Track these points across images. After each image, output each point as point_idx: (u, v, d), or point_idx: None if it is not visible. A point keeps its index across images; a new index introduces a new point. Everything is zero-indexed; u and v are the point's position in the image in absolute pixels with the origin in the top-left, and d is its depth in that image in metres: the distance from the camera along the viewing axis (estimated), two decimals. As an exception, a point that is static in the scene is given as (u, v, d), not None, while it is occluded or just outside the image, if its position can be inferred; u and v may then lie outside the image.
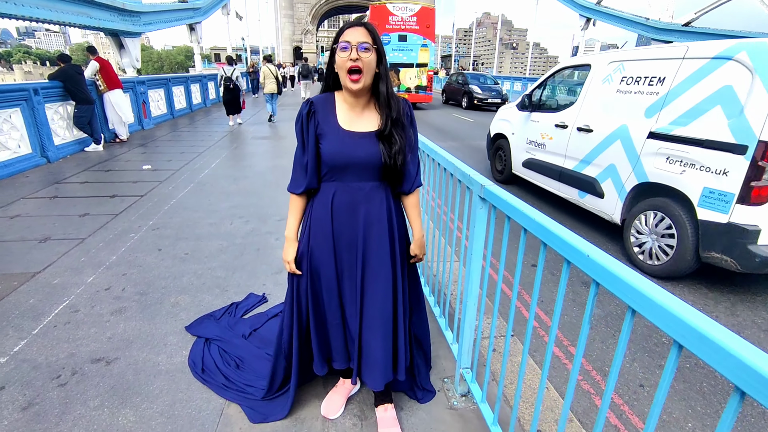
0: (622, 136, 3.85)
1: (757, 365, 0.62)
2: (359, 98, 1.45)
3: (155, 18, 11.29)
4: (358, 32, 1.36)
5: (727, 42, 3.16)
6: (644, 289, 0.85)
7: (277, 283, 3.00)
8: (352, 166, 1.46)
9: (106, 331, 2.42)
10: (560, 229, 1.16)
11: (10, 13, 6.06)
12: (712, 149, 3.05)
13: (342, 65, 1.36)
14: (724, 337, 0.68)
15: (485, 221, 1.69)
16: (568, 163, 4.62)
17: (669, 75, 3.52)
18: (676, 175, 3.33)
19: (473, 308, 1.85)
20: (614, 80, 4.14)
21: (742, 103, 2.91)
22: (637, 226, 3.67)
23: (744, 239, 2.88)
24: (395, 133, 1.45)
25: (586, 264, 1.03)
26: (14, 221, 4.04)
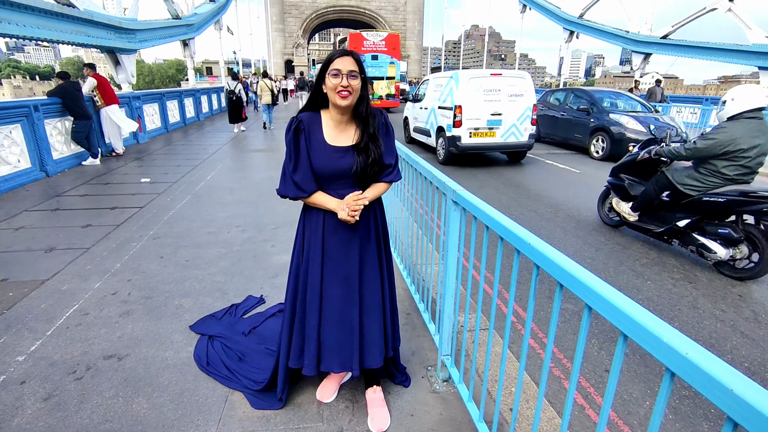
0: (433, 109, 9.15)
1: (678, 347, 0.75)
2: (344, 115, 1.69)
3: (150, 35, 11.57)
4: (347, 61, 1.61)
5: (452, 71, 8.56)
6: (570, 268, 1.09)
7: (273, 286, 3.21)
8: (338, 176, 1.70)
9: (116, 331, 2.62)
10: (514, 225, 1.41)
11: (11, 33, 6.28)
12: (448, 110, 8.24)
13: (333, 89, 1.61)
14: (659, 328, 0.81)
15: (458, 221, 1.94)
16: (423, 124, 9.86)
17: (442, 84, 8.83)
18: (444, 120, 8.47)
19: (451, 300, 2.08)
20: (432, 86, 9.54)
21: (453, 92, 8.03)
22: (434, 143, 9.23)
23: (456, 140, 8.08)
24: (371, 147, 1.69)
25: (529, 251, 1.27)
26: (19, 233, 4.21)
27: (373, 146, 1.69)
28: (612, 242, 4.50)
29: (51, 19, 7.10)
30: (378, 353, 1.85)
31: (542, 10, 24.94)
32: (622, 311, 0.90)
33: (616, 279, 3.71)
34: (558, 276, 1.14)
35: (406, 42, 47.83)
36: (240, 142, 10.49)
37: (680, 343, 0.75)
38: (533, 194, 6.36)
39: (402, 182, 3.25)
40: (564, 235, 4.73)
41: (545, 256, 1.19)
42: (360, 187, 1.75)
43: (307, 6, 45.38)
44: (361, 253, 1.80)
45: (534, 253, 1.25)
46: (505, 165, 8.68)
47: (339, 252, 1.78)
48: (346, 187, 1.73)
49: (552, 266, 1.16)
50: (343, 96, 1.60)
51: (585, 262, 4.03)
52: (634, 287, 3.57)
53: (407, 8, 47.03)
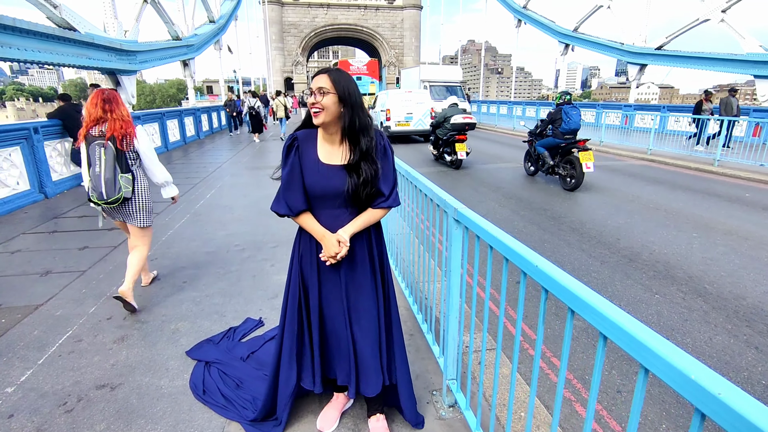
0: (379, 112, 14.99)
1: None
2: (332, 134, 1.64)
3: (150, 56, 11.72)
4: (320, 79, 1.58)
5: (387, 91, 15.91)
6: (582, 294, 1.03)
7: (273, 308, 3.14)
8: (329, 195, 1.64)
9: (110, 358, 2.53)
10: (519, 246, 1.35)
11: (14, 57, 6.35)
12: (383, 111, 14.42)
13: (309, 106, 1.60)
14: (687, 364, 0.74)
15: (461, 240, 1.88)
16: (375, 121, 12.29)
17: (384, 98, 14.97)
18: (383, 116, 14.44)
19: (455, 321, 2.01)
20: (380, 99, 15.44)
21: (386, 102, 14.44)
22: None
23: (387, 128, 14.06)
24: (363, 166, 1.61)
25: (535, 273, 1.21)
26: (15, 256, 4.15)
27: (366, 166, 1.62)
28: (617, 255, 4.42)
29: (52, 42, 7.19)
30: (374, 381, 1.77)
31: (537, 25, 25.33)
32: (645, 344, 0.82)
33: (624, 293, 3.62)
34: (569, 302, 1.07)
35: (403, 58, 48.49)
36: (242, 159, 10.51)
37: (711, 382, 0.68)
38: (535, 207, 6.31)
39: (403, 197, 3.19)
40: (568, 248, 4.65)
41: (554, 279, 1.13)
42: (354, 209, 1.68)
43: (305, 25, 46.16)
44: (354, 277, 1.74)
45: (542, 276, 1.19)
46: (506, 178, 8.65)
47: (332, 274, 1.74)
48: (339, 208, 1.67)
49: (562, 291, 1.10)
50: (314, 114, 1.58)
51: (591, 276, 3.95)
52: (642, 301, 3.48)
53: (404, 25, 47.80)
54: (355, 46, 54.90)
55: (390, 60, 47.90)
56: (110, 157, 2.82)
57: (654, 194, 7.12)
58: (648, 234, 5.07)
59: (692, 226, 5.36)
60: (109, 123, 2.83)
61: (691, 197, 6.92)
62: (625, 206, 6.32)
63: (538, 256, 1.26)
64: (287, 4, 45.42)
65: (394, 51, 47.88)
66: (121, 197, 2.89)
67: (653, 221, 5.58)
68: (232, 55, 30.81)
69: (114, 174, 2.84)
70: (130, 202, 3.01)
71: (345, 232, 1.64)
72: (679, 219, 5.68)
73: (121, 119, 2.87)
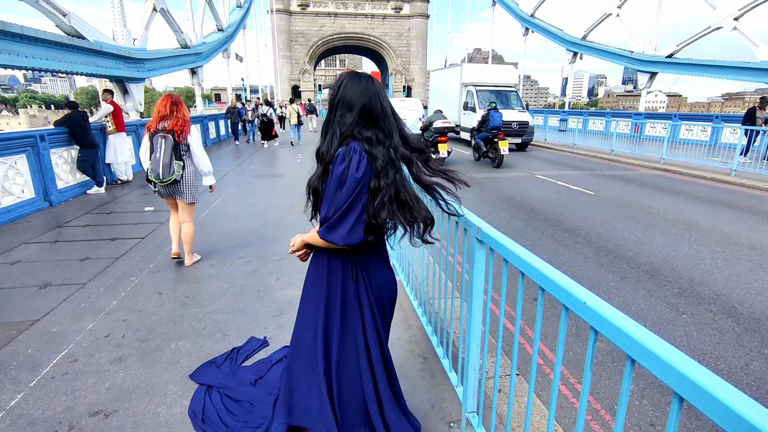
0: None
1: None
2: None
3: (159, 64, 11.76)
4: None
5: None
6: (641, 339, 0.87)
7: (278, 326, 2.98)
8: None
9: (105, 381, 2.39)
10: (559, 276, 1.19)
11: (21, 65, 6.33)
12: None
13: None
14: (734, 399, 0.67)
15: (484, 262, 1.71)
16: None
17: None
18: None
19: (476, 349, 1.84)
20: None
21: None
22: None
23: None
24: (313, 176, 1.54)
25: (583, 311, 1.04)
26: (15, 267, 4.04)
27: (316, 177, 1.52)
28: (637, 270, 4.22)
29: (60, 50, 7.18)
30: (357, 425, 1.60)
31: (545, 33, 25.26)
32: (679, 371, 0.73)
33: (648, 313, 3.42)
34: (627, 349, 0.90)
35: (410, 66, 48.68)
36: (248, 167, 10.43)
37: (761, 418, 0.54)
38: (548, 218, 6.12)
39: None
40: (585, 262, 4.46)
41: (610, 322, 0.96)
42: None
43: (313, 34, 46.58)
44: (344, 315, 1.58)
45: (591, 314, 1.02)
46: (516, 188, 8.47)
47: (311, 300, 1.63)
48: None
49: (617, 333, 0.93)
50: None
51: (611, 293, 3.75)
52: (669, 321, 3.28)
53: (411, 34, 48.07)
54: (362, 54, 55.29)
55: (396, 68, 48.12)
56: (169, 147, 3.56)
57: (671, 205, 6.90)
58: (668, 248, 4.86)
59: (714, 240, 5.15)
60: (172, 120, 3.59)
61: (710, 209, 6.69)
62: (642, 218, 6.11)
63: (584, 290, 1.09)
64: (295, 14, 45.94)
65: (400, 59, 48.11)
66: (173, 179, 3.63)
67: (673, 234, 5.37)
68: (240, 63, 31.07)
69: (170, 160, 3.58)
70: (179, 183, 3.73)
71: (300, 235, 1.59)
72: (700, 232, 5.46)
73: (182, 118, 3.63)
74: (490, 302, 1.84)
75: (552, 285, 1.19)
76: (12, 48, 6.03)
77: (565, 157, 13.46)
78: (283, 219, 5.73)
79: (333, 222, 1.39)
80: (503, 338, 2.80)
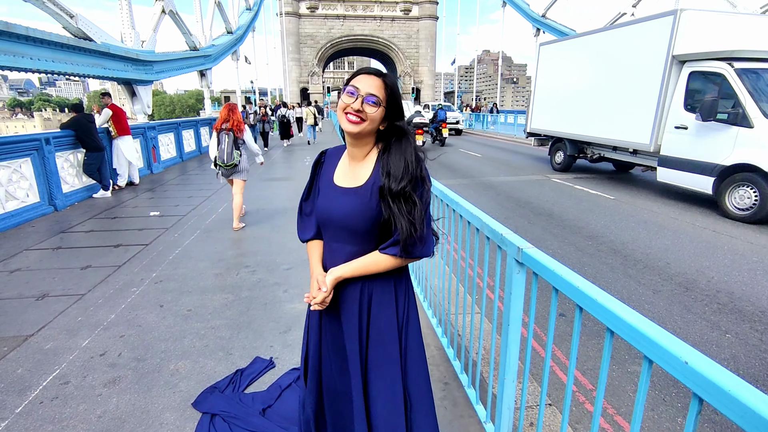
0: None
1: None
2: (360, 147, 1.28)
3: (167, 66, 11.68)
4: (372, 83, 1.21)
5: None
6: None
7: (285, 344, 2.76)
8: (331, 225, 1.30)
9: (97, 407, 2.18)
10: (633, 316, 0.94)
11: (26, 67, 6.22)
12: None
13: (342, 108, 1.22)
14: None
15: (523, 287, 1.47)
16: None
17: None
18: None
19: (512, 386, 1.60)
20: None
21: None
22: None
23: None
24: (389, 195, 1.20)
25: (683, 372, 0.80)
26: (13, 276, 3.88)
27: (392, 197, 1.22)
28: (671, 282, 3.93)
29: (67, 52, 7.08)
30: None
31: (557, 33, 24.80)
32: None
33: (687, 331, 3.13)
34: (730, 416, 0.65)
35: (419, 68, 48.45)
36: (258, 169, 10.27)
37: None
38: (568, 225, 5.83)
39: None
40: (612, 273, 4.18)
41: (719, 386, 0.72)
42: (356, 245, 1.28)
43: (322, 36, 46.61)
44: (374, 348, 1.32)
45: (694, 380, 0.78)
46: (532, 192, 8.18)
47: (333, 324, 1.37)
48: (344, 244, 1.29)
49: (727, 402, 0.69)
50: (351, 121, 1.20)
51: (643, 308, 3.47)
52: (712, 342, 2.99)
53: (420, 35, 47.86)
54: (371, 56, 55.19)
55: (405, 70, 47.93)
56: (230, 140, 4.91)
57: (697, 212, 6.56)
58: (700, 257, 4.56)
59: (750, 249, 4.82)
60: (230, 121, 4.91)
61: (739, 214, 6.34)
62: (668, 224, 5.79)
63: (671, 336, 0.85)
64: (304, 16, 46.04)
65: (409, 61, 47.91)
66: (233, 163, 4.98)
67: (703, 242, 5.06)
68: (249, 65, 31.12)
69: (231, 150, 4.93)
70: (237, 167, 5.08)
71: (332, 273, 1.26)
72: (733, 241, 5.14)
73: (237, 120, 4.95)
74: (531, 339, 1.59)
75: (625, 327, 0.94)
76: (16, 50, 5.92)
77: (581, 160, 13.07)
78: (291, 224, 5.52)
79: (425, 234, 1.23)
80: (538, 365, 2.55)
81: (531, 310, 1.43)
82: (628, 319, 0.94)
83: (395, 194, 1.18)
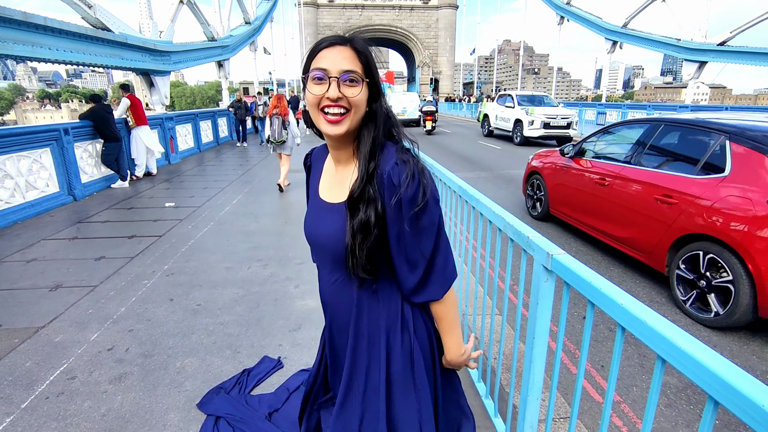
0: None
1: None
2: (340, 149, 0.99)
3: (184, 57, 11.71)
4: (340, 54, 0.89)
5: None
6: None
7: (294, 343, 2.67)
8: (316, 248, 1.06)
9: (102, 405, 2.13)
10: (703, 351, 0.78)
11: (44, 57, 6.28)
12: None
13: (315, 104, 0.91)
14: None
15: (552, 298, 1.32)
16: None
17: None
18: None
19: (536, 403, 1.45)
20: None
21: None
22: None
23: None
24: (361, 206, 0.91)
25: (755, 420, 0.64)
26: (30, 266, 3.91)
27: (366, 206, 0.92)
28: (704, 285, 3.67)
29: (85, 42, 7.12)
30: None
31: (582, 21, 24.00)
32: None
33: (722, 346, 2.90)
34: None
35: (438, 59, 47.73)
36: (274, 161, 10.25)
37: None
38: (592, 221, 5.57)
39: (451, 215, 2.63)
40: (634, 286, 3.94)
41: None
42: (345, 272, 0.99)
43: (340, 27, 46.29)
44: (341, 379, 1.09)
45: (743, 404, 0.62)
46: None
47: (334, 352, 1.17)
48: (326, 267, 1.07)
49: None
50: (332, 120, 0.90)
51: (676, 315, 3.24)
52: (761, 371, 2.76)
53: (439, 25, 47.05)
54: (389, 47, 54.62)
55: (423, 60, 47.29)
56: (280, 122, 6.47)
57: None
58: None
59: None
60: (279, 108, 6.43)
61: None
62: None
63: (729, 363, 0.69)
64: (322, 6, 45.81)
65: (428, 51, 47.24)
66: (282, 140, 6.56)
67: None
68: (267, 56, 31.17)
69: (280, 129, 6.49)
70: (285, 143, 6.68)
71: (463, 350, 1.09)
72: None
73: (284, 107, 6.46)
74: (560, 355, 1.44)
75: (679, 354, 0.78)
76: (34, 40, 5.97)
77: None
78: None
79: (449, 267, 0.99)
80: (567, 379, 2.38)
81: (560, 324, 1.28)
82: (695, 354, 0.78)
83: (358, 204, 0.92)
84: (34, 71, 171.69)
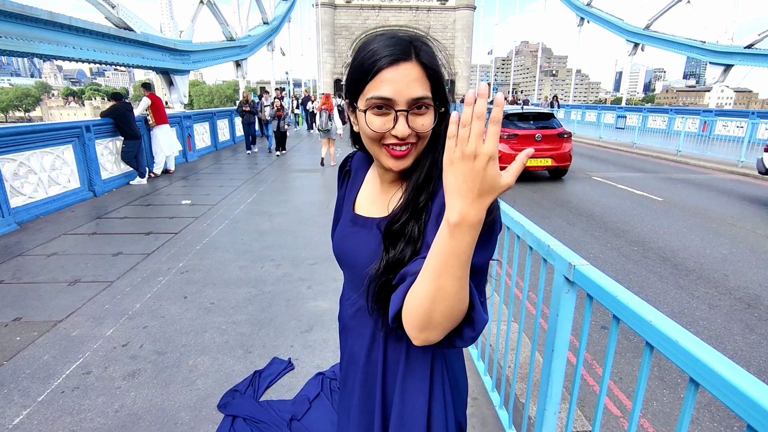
0: None
1: None
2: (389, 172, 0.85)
3: (203, 56, 11.89)
4: (408, 77, 0.71)
5: None
6: None
7: (306, 344, 2.66)
8: (344, 265, 0.92)
9: (115, 401, 2.15)
10: (725, 366, 0.73)
11: (68, 56, 6.44)
12: None
13: (374, 138, 0.75)
14: None
15: (573, 310, 1.27)
16: None
17: None
18: None
19: (553, 418, 1.40)
20: None
21: None
22: None
23: None
24: (409, 227, 0.75)
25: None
26: (50, 260, 3.99)
27: (404, 245, 0.75)
28: (729, 297, 3.55)
29: (108, 42, 7.28)
30: None
31: (602, 23, 23.58)
32: None
33: (750, 356, 2.79)
34: None
35: (454, 59, 47.44)
36: (288, 160, 10.32)
37: None
38: (611, 227, 5.44)
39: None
40: (661, 283, 3.82)
41: None
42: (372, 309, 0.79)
43: (357, 27, 46.43)
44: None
45: None
46: (571, 190, 7.75)
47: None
48: (352, 288, 0.89)
49: None
50: (398, 155, 0.75)
51: (699, 324, 3.14)
52: (780, 369, 2.64)
53: (456, 26, 46.78)
54: (405, 47, 54.39)
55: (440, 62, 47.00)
56: (326, 115, 8.86)
57: (758, 217, 5.98)
58: (764, 269, 4.11)
59: (822, 262, 4.31)
60: (326, 104, 8.88)
61: (808, 223, 5.73)
62: (725, 231, 5.29)
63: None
64: (339, 7, 45.98)
65: (444, 53, 46.95)
66: (329, 128, 9.00)
67: (766, 252, 4.57)
68: (284, 57, 31.43)
69: (327, 120, 8.89)
70: (330, 130, 9.06)
71: None
72: (801, 251, 4.61)
73: (330, 104, 8.91)
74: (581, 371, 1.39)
75: (719, 383, 0.73)
76: (59, 39, 6.12)
77: (624, 157, 12.38)
78: (318, 217, 5.44)
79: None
80: (586, 393, 2.32)
81: (581, 340, 1.23)
82: (732, 379, 0.73)
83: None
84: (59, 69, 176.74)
